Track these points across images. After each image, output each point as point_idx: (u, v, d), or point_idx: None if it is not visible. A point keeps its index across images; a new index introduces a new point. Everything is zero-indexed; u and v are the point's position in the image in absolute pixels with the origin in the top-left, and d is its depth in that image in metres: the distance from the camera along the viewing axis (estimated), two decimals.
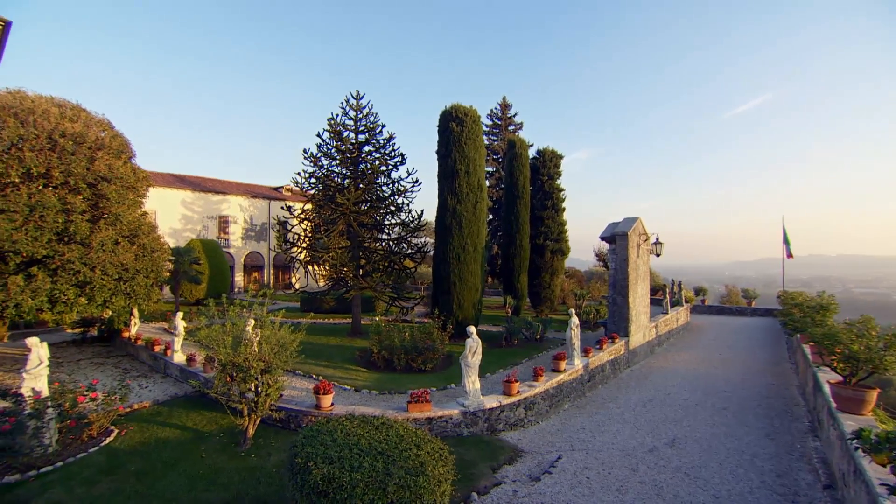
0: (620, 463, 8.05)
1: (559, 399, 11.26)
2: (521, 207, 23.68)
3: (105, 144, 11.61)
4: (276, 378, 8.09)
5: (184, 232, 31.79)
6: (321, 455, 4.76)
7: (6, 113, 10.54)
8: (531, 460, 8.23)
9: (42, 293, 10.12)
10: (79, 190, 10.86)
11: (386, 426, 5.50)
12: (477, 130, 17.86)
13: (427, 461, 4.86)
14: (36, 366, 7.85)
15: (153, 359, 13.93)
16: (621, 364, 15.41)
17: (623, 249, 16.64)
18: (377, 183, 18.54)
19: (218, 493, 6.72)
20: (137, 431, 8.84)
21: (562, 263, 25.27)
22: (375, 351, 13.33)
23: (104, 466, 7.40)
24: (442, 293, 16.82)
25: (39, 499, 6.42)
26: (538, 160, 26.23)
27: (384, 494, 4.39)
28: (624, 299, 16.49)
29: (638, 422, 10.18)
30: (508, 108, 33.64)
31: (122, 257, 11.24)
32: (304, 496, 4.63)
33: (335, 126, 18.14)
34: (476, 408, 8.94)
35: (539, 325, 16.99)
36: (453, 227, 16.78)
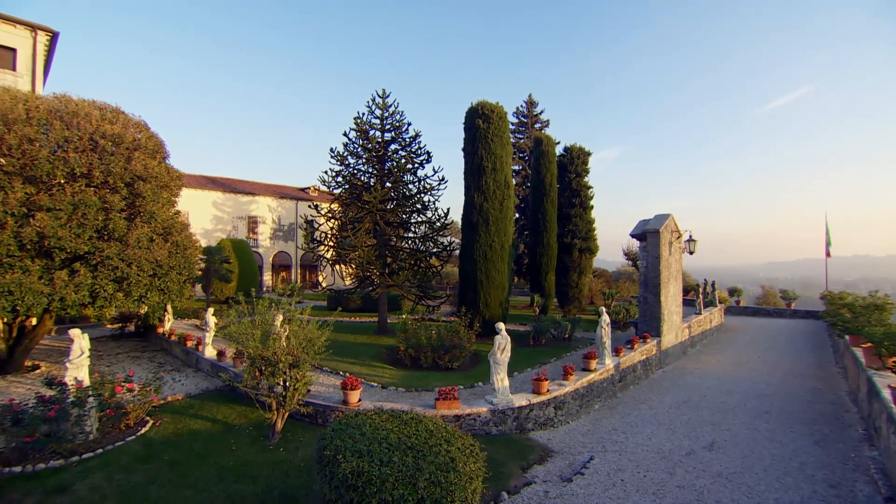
0: (656, 466, 7.71)
1: (589, 399, 10.93)
2: (549, 205, 23.28)
3: (141, 145, 11.98)
4: (304, 373, 8.12)
5: (214, 232, 32.71)
6: (350, 448, 4.69)
7: (53, 116, 11.00)
8: (562, 460, 7.99)
9: (84, 288, 10.49)
10: (117, 189, 11.22)
11: (415, 421, 5.40)
12: (503, 127, 17.65)
13: (458, 457, 4.73)
14: (78, 356, 8.14)
15: (185, 353, 14.33)
16: (653, 365, 14.89)
17: (654, 247, 16.09)
18: (403, 181, 18.55)
19: (247, 485, 6.77)
20: (171, 423, 9.04)
21: (590, 262, 24.73)
22: (402, 348, 13.29)
23: (140, 455, 7.58)
24: (468, 291, 16.67)
25: (81, 483, 6.61)
26: (565, 157, 25.75)
27: (414, 490, 4.28)
28: (655, 298, 15.94)
29: (673, 424, 9.77)
30: (535, 106, 33.18)
31: (156, 254, 11.54)
32: (332, 489, 4.57)
33: (361, 125, 18.26)
34: (505, 406, 8.75)
35: (567, 325, 16.62)
36: (480, 225, 16.61)
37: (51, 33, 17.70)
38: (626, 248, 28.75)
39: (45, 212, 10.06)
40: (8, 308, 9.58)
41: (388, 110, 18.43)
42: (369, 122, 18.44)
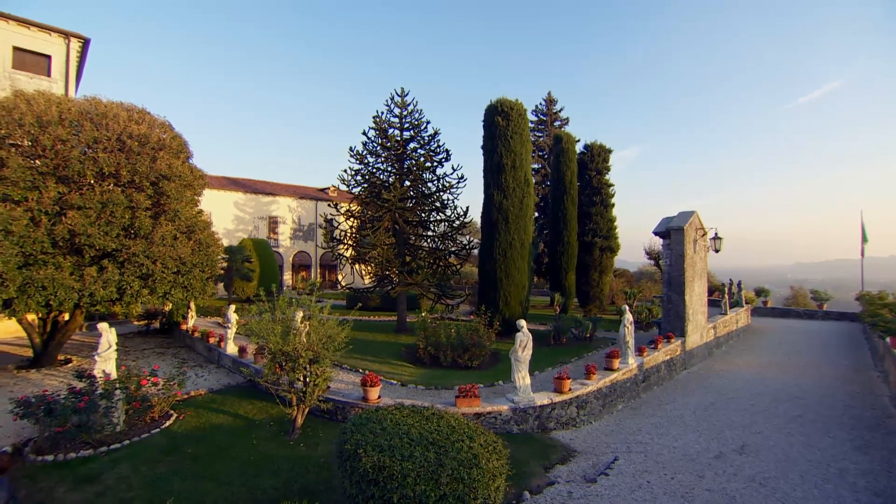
0: (684, 468, 7.44)
1: (612, 399, 10.67)
2: (569, 203, 22.95)
3: (166, 145, 12.25)
4: (324, 368, 8.11)
5: (236, 232, 33.32)
6: (371, 443, 4.62)
7: (84, 118, 11.34)
8: (585, 461, 7.79)
9: (112, 284, 10.76)
10: (142, 188, 11.49)
11: (437, 416, 5.31)
12: (523, 124, 17.47)
13: (481, 454, 4.62)
14: (106, 349, 8.32)
15: (208, 350, 14.57)
16: (677, 365, 14.48)
17: (678, 244, 15.66)
18: (422, 179, 18.53)
19: (268, 479, 6.79)
20: (194, 417, 9.16)
21: (611, 261, 24.28)
22: (421, 347, 13.23)
23: (165, 447, 7.69)
24: (488, 290, 16.53)
25: (109, 473, 6.75)
26: (585, 155, 25.37)
27: (437, 486, 4.18)
28: (680, 297, 15.51)
29: (700, 426, 9.44)
30: (554, 104, 32.76)
31: (179, 251, 11.77)
32: (353, 484, 4.51)
33: (381, 123, 18.31)
34: (526, 404, 8.59)
35: (589, 324, 16.31)
36: (499, 223, 16.46)
37: (82, 39, 18.30)
38: (648, 247, 28.10)
39: (75, 210, 10.36)
40: (42, 302, 9.89)
41: (407, 109, 18.44)
42: (388, 121, 18.48)
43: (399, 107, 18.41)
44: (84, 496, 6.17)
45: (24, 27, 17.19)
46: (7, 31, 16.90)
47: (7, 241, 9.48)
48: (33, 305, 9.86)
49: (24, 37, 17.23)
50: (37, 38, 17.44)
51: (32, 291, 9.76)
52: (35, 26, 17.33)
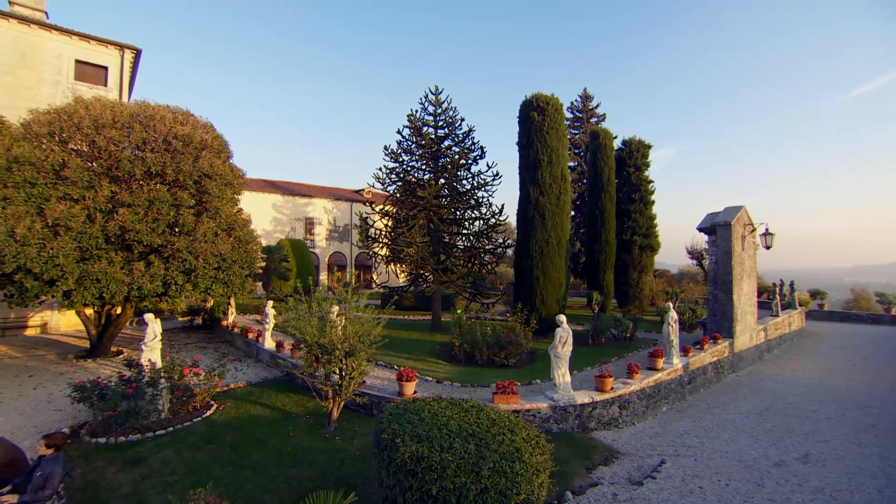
0: (740, 475, 6.92)
1: (657, 400, 10.13)
2: (606, 201, 22.20)
3: (208, 144, 12.68)
4: (359, 361, 8.08)
5: (274, 233, 34.28)
6: (408, 433, 4.48)
7: (134, 120, 11.92)
8: (629, 463, 7.39)
9: (158, 278, 11.20)
10: (186, 186, 11.92)
11: (476, 409, 5.12)
12: (559, 119, 17.06)
13: (523, 447, 4.39)
14: (152, 339, 8.62)
15: (247, 345, 14.95)
16: (725, 368, 13.65)
17: (725, 241, 14.81)
18: (457, 177, 18.41)
19: (304, 470, 6.80)
20: (233, 408, 9.36)
21: (651, 260, 23.30)
22: (457, 344, 13.05)
23: (206, 435, 7.87)
24: (524, 288, 16.18)
25: (154, 457, 6.97)
26: (624, 151, 24.53)
27: (477, 479, 3.99)
28: (727, 296, 14.64)
29: (755, 431, 8.80)
30: (590, 100, 31.90)
31: (220, 247, 12.11)
32: (390, 474, 4.38)
33: (415, 122, 18.33)
34: (566, 402, 8.25)
35: (629, 323, 15.66)
36: (536, 220, 16.09)
37: (135, 50, 19.33)
38: (690, 245, 26.85)
39: (126, 208, 10.86)
40: (96, 294, 10.39)
41: (441, 106, 18.38)
42: (423, 119, 18.47)
43: (433, 105, 18.38)
44: (132, 477, 6.37)
45: (85, 41, 18.32)
46: (70, 45, 18.06)
47: (67, 236, 10.03)
48: (88, 297, 10.37)
49: (85, 50, 18.37)
50: (95, 50, 18.55)
51: (88, 284, 10.28)
52: (94, 40, 18.44)
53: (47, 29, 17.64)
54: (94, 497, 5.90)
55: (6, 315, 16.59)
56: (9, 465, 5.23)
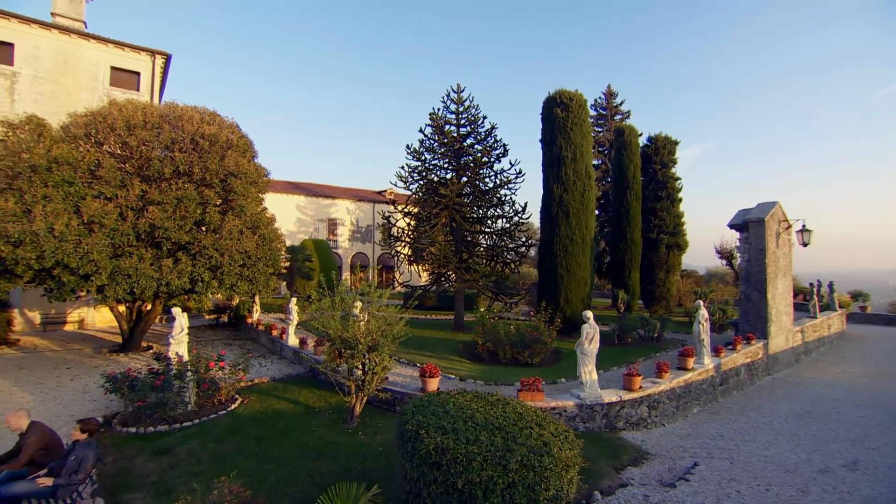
0: (781, 480, 6.54)
1: (687, 401, 9.75)
2: (632, 199, 21.67)
3: (233, 144, 12.92)
4: (382, 356, 8.03)
5: (297, 234, 34.81)
6: (433, 425, 4.38)
7: (163, 121, 12.26)
8: (660, 464, 7.10)
9: (185, 275, 11.45)
10: (212, 184, 12.17)
11: (502, 403, 4.97)
12: (583, 115, 16.77)
13: (552, 441, 4.23)
14: (179, 332, 8.79)
15: (271, 342, 15.16)
16: (759, 370, 13.07)
17: (758, 238, 14.21)
18: (480, 175, 18.30)
19: (326, 464, 6.78)
20: (257, 402, 9.45)
21: (678, 259, 22.61)
22: (480, 342, 12.90)
23: (230, 428, 7.96)
24: (548, 287, 15.92)
25: (181, 447, 7.08)
26: (649, 148, 23.94)
27: (505, 472, 3.85)
28: (760, 295, 14.03)
29: (796, 436, 8.34)
30: (614, 97, 31.24)
31: (245, 245, 12.31)
32: (414, 467, 4.28)
33: (437, 120, 18.30)
34: (593, 401, 8.00)
35: (656, 323, 15.18)
36: (559, 217, 15.83)
37: (165, 56, 19.93)
38: (720, 245, 25.99)
39: (155, 206, 11.14)
40: (127, 289, 10.69)
41: (464, 105, 18.30)
42: (445, 118, 18.44)
43: (455, 103, 18.32)
44: (160, 466, 6.48)
45: (120, 48, 19.00)
46: (106, 53, 18.77)
47: (100, 233, 10.36)
48: (120, 292, 10.68)
49: (119, 57, 19.04)
50: (129, 57, 19.22)
51: (120, 279, 10.59)
52: (128, 47, 19.11)
53: (86, 38, 18.36)
54: (125, 483, 6.02)
55: (48, 311, 17.33)
56: (46, 449, 5.38)
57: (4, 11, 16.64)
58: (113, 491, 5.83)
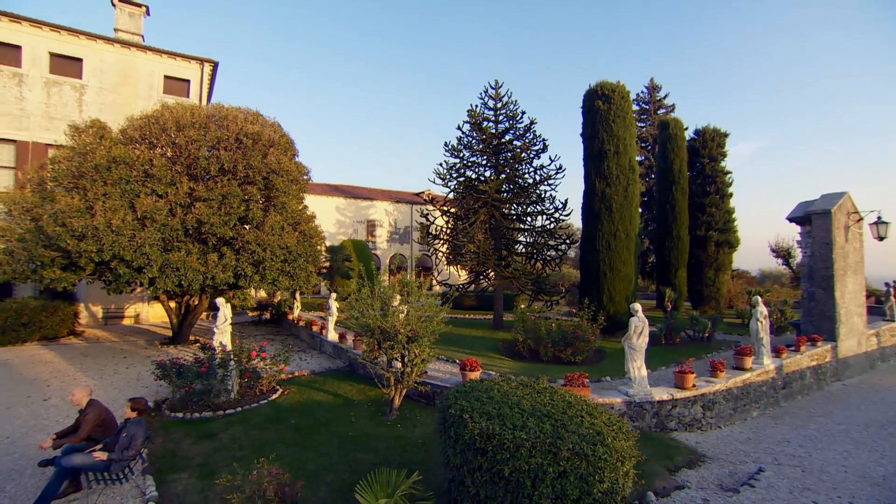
0: (865, 493, 5.86)
1: (745, 403, 9.02)
2: (678, 194, 20.62)
3: (275, 142, 13.28)
4: (422, 348, 7.90)
5: (337, 235, 35.55)
6: (477, 410, 4.16)
7: (210, 120, 12.77)
8: (719, 468, 6.55)
9: (229, 269, 11.82)
10: (255, 182, 12.52)
11: (549, 391, 4.69)
12: (626, 107, 16.14)
13: (605, 431, 3.91)
14: (223, 322, 9.02)
15: (311, 337, 15.42)
16: (827, 374, 11.99)
17: (824, 231, 13.11)
18: (519, 171, 17.99)
19: (365, 454, 6.70)
20: (297, 393, 9.55)
21: (729, 257, 21.29)
22: (521, 340, 12.56)
23: (271, 416, 8.06)
24: (590, 284, 15.36)
25: (224, 433, 7.21)
26: (696, 141, 22.77)
27: (555, 460, 3.58)
28: (827, 294, 12.92)
29: (879, 446, 7.51)
30: (657, 90, 30.01)
31: (286, 240, 12.58)
32: (457, 453, 4.07)
33: (475, 117, 18.16)
34: (643, 398, 7.52)
35: (707, 323, 14.27)
36: (602, 213, 15.25)
37: (213, 63, 20.87)
38: (775, 243, 24.32)
39: (202, 202, 11.57)
40: (176, 282, 11.14)
41: (502, 101, 18.06)
42: (483, 114, 18.27)
43: (493, 99, 18.11)
44: (204, 449, 6.61)
45: (172, 58, 20.07)
46: (160, 63, 19.88)
47: (152, 227, 10.86)
48: (169, 284, 11.14)
49: (171, 66, 20.12)
50: (180, 66, 20.26)
51: (169, 272, 11.05)
52: (179, 56, 20.16)
53: (143, 50, 19.50)
54: (172, 464, 6.17)
55: (108, 306, 18.49)
56: (101, 426, 5.60)
57: (76, 29, 17.93)
58: (161, 470, 5.98)
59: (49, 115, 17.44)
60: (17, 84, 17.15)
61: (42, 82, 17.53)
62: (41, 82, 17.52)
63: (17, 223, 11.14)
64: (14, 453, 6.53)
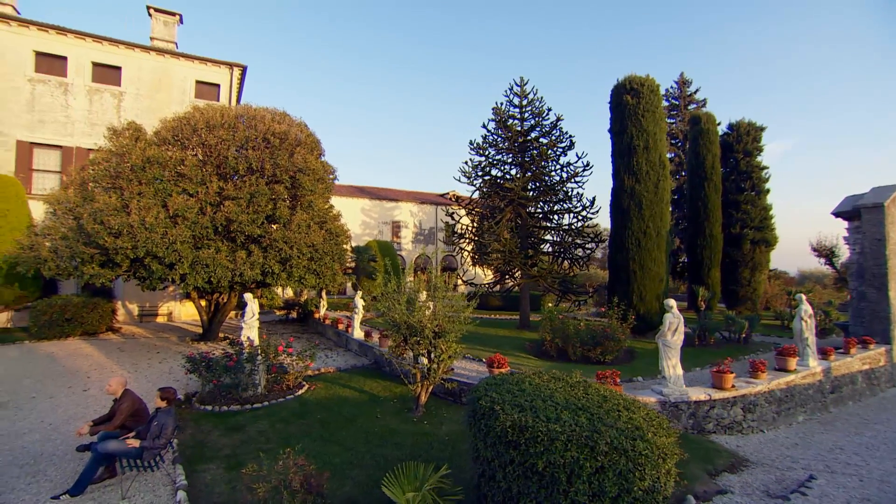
0: None
1: (790, 407, 8.50)
2: (710, 191, 19.84)
3: (302, 141, 13.47)
4: (449, 343, 7.77)
5: (362, 236, 35.88)
6: (509, 402, 3.99)
7: (238, 121, 13.06)
8: (764, 473, 6.15)
9: (257, 266, 12.02)
10: (282, 180, 12.71)
11: (583, 385, 4.48)
12: (656, 101, 15.66)
13: (644, 426, 3.68)
14: (251, 317, 9.14)
15: (337, 335, 15.53)
16: (881, 379, 11.21)
17: (875, 226, 12.33)
18: (545, 169, 17.70)
19: (391, 450, 6.62)
20: (323, 389, 9.57)
21: (766, 256, 20.33)
22: (548, 339, 12.27)
23: (297, 411, 8.08)
24: (619, 283, 14.92)
25: (251, 426, 7.27)
26: (730, 136, 21.91)
27: (593, 455, 3.38)
28: (879, 293, 12.12)
29: None
30: (688, 85, 29.07)
31: (312, 238, 12.71)
32: (488, 446, 3.92)
33: (501, 115, 17.99)
34: (678, 398, 7.17)
35: (744, 323, 13.60)
36: (632, 210, 14.81)
37: (242, 67, 21.44)
38: (816, 241, 23.06)
39: (231, 201, 11.81)
40: (205, 278, 11.39)
41: (527, 98, 17.81)
42: (508, 112, 18.07)
43: (519, 96, 17.88)
44: (232, 441, 6.67)
45: (203, 63, 20.73)
46: (193, 68, 20.55)
47: (183, 225, 11.15)
48: (199, 280, 11.40)
49: (202, 71, 20.78)
50: (210, 70, 20.90)
51: (199, 269, 11.31)
52: (210, 62, 20.80)
53: (176, 57, 20.20)
54: (201, 454, 6.24)
55: (143, 304, 19.17)
56: (134, 415, 5.72)
57: (116, 39, 18.74)
58: (191, 460, 6.05)
59: (91, 121, 18.24)
60: (63, 93, 18.04)
61: (85, 90, 18.37)
62: (84, 90, 18.36)
63: (61, 222, 11.64)
64: (56, 439, 6.75)
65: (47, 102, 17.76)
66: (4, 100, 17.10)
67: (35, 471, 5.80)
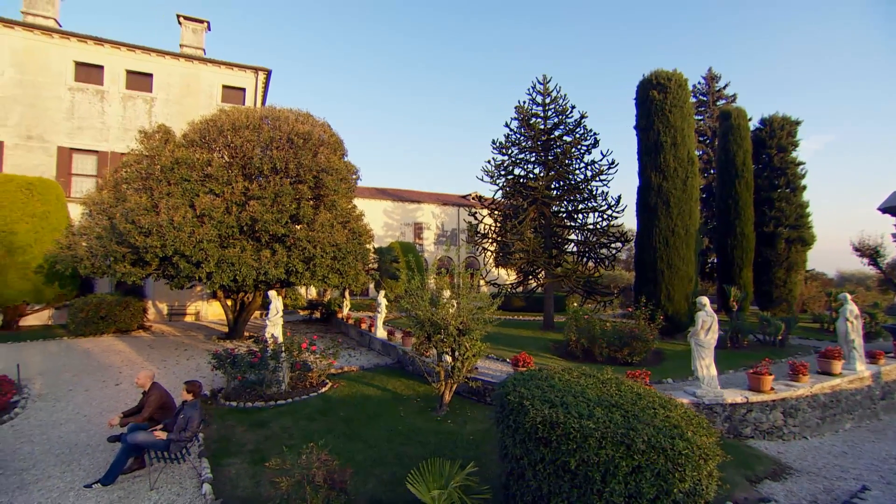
0: None
1: (835, 413, 8.01)
2: (741, 188, 19.07)
3: (325, 142, 13.61)
4: (473, 340, 7.64)
5: (385, 237, 36.10)
6: (538, 397, 3.83)
7: (263, 122, 13.29)
8: (810, 482, 5.78)
9: (281, 265, 12.16)
10: (305, 180, 12.84)
11: (615, 382, 4.28)
12: (683, 96, 15.18)
13: (683, 425, 3.46)
14: (275, 314, 9.21)
15: (360, 335, 15.59)
16: None
17: None
18: (569, 167, 17.40)
19: (415, 448, 6.54)
20: (346, 387, 9.57)
21: (803, 256, 19.39)
22: (573, 339, 11.98)
23: (321, 408, 8.09)
24: (646, 283, 14.48)
25: (275, 422, 7.31)
26: (763, 131, 21.05)
27: (629, 453, 3.19)
28: None
29: None
30: (716, 80, 28.14)
31: (336, 237, 12.79)
32: (517, 443, 3.77)
33: (523, 113, 17.78)
34: (712, 400, 6.83)
35: (780, 324, 12.95)
36: (659, 208, 14.36)
37: (266, 71, 21.88)
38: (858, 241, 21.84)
39: (255, 200, 11.99)
40: (231, 277, 11.59)
41: (551, 96, 17.55)
42: (531, 110, 17.85)
43: (542, 94, 17.64)
44: (256, 437, 6.71)
45: (229, 68, 21.26)
46: (219, 74, 21.10)
47: (209, 224, 11.38)
48: (225, 279, 11.60)
49: (229, 76, 21.30)
50: (236, 75, 21.41)
51: (225, 267, 11.52)
52: (236, 66, 21.32)
53: (204, 62, 20.77)
54: (226, 449, 6.29)
55: (172, 304, 19.72)
56: (162, 408, 5.81)
57: (148, 47, 19.40)
58: (216, 454, 6.10)
59: (124, 126, 18.91)
60: (99, 100, 18.77)
61: (119, 97, 19.08)
62: (119, 97, 19.07)
63: (96, 222, 12.05)
64: (90, 430, 6.94)
65: (85, 109, 18.50)
66: (47, 108, 17.91)
67: (69, 460, 5.95)
